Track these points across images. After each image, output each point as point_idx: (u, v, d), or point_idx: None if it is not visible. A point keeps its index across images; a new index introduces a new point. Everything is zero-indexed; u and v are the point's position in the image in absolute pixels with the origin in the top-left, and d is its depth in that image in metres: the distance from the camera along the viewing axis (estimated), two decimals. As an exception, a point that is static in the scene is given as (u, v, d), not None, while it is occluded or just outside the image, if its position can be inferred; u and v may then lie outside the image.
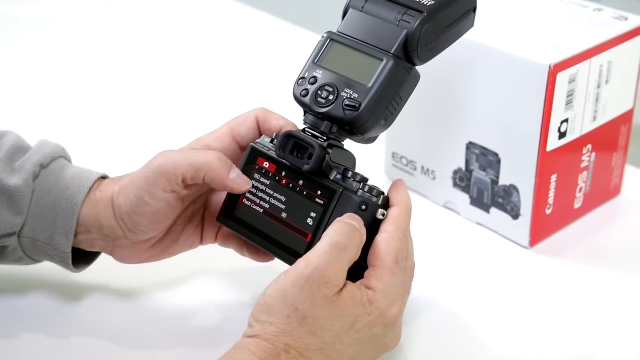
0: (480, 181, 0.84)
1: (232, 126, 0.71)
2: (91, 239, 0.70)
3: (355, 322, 0.61)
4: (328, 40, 0.67)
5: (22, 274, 0.77)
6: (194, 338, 0.72)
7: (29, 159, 0.70)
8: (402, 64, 0.65)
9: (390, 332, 0.64)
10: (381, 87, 0.64)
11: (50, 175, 0.70)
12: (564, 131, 0.79)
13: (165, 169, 0.66)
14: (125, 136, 1.03)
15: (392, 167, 0.92)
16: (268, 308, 0.60)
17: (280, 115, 0.71)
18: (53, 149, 0.72)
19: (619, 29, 0.80)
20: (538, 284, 0.79)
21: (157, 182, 0.67)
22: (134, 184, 0.68)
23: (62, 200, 0.69)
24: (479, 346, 0.72)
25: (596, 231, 0.86)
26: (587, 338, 0.73)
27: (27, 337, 0.72)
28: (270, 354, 0.59)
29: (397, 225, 0.63)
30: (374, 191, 0.64)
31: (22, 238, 0.70)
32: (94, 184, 0.70)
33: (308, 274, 0.60)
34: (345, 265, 0.61)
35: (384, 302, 0.62)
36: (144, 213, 0.68)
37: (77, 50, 1.23)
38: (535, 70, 0.76)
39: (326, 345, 0.60)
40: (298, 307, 0.60)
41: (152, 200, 0.67)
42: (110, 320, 0.74)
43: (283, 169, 0.67)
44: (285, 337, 0.60)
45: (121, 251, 0.71)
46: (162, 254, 0.72)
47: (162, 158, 0.67)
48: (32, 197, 0.69)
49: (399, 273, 0.63)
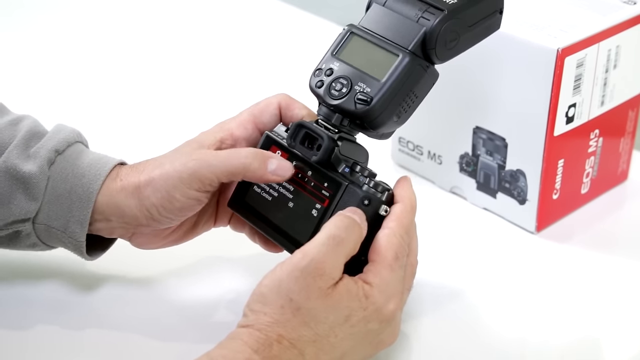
0: (487, 166, 0.84)
1: (254, 113, 0.70)
2: (111, 227, 0.69)
3: (350, 316, 0.61)
4: (348, 33, 0.67)
5: (36, 262, 0.77)
6: (210, 327, 0.71)
7: (44, 145, 0.69)
8: (419, 61, 0.65)
9: (387, 328, 0.63)
10: (395, 83, 0.64)
11: (66, 162, 0.69)
12: (571, 116, 0.79)
13: (201, 174, 0.66)
14: (141, 119, 1.02)
15: (398, 152, 0.92)
16: (263, 298, 0.60)
17: (303, 104, 0.70)
18: (69, 134, 0.71)
19: (628, 13, 0.80)
20: (545, 270, 0.79)
21: (192, 184, 0.66)
22: (167, 181, 0.66)
23: (78, 188, 0.68)
24: (485, 331, 0.72)
25: (603, 217, 0.85)
26: (593, 323, 0.73)
27: (41, 326, 0.72)
28: (263, 345, 0.59)
29: (399, 221, 0.63)
30: (379, 187, 0.64)
31: (37, 224, 0.69)
32: (112, 172, 0.69)
33: (304, 266, 0.59)
34: (342, 259, 0.61)
35: (381, 298, 0.61)
36: (173, 209, 0.67)
37: (85, 35, 1.22)
38: (543, 54, 0.75)
39: (320, 338, 0.60)
40: (293, 298, 0.59)
41: (184, 198, 0.67)
42: (124, 309, 0.74)
43: (294, 159, 0.67)
44: (278, 328, 0.59)
45: (141, 238, 0.70)
46: (180, 239, 0.72)
47: (200, 163, 0.66)
48: (47, 184, 0.68)
49: (398, 270, 0.63)
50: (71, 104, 1.05)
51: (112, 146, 0.77)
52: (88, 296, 0.75)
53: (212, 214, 0.73)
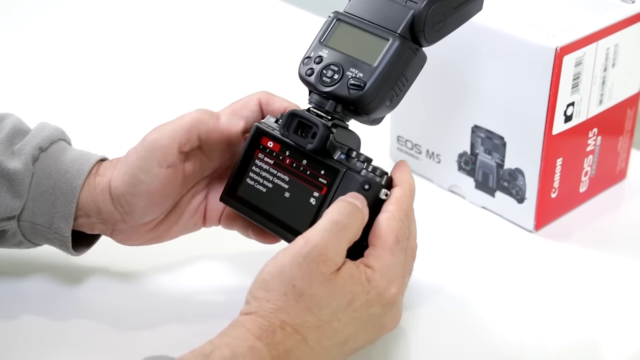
0: (485, 165, 0.84)
1: (234, 109, 0.71)
2: (91, 222, 0.70)
3: (352, 301, 0.61)
4: (335, 20, 0.67)
5: (23, 257, 0.77)
6: (196, 321, 0.72)
7: (28, 142, 0.70)
8: (409, 44, 0.65)
9: (389, 312, 0.63)
10: (387, 67, 0.64)
11: (49, 158, 0.70)
12: (570, 115, 0.79)
13: (159, 143, 0.67)
14: (125, 118, 1.03)
15: (397, 151, 0.92)
16: (265, 285, 0.60)
17: (283, 99, 0.71)
18: (52, 131, 0.71)
19: (626, 12, 0.80)
20: (543, 268, 0.79)
21: (152, 157, 0.67)
22: (128, 163, 0.68)
23: (61, 184, 0.69)
24: (483, 330, 0.72)
25: (601, 215, 0.85)
26: (591, 322, 0.73)
27: (28, 319, 0.72)
28: (266, 331, 0.59)
29: (399, 205, 0.63)
30: (377, 171, 0.64)
31: (22, 222, 0.69)
32: (94, 168, 0.70)
33: (307, 252, 0.59)
34: (345, 244, 0.61)
35: (383, 282, 0.62)
36: (139, 193, 0.67)
37: (81, 35, 1.22)
38: (541, 53, 0.75)
39: (323, 324, 0.60)
40: (295, 284, 0.59)
41: (148, 177, 0.67)
42: (111, 302, 0.74)
43: (287, 149, 0.67)
44: (281, 314, 0.59)
45: (121, 234, 0.71)
46: (163, 236, 0.72)
47: (156, 132, 0.68)
48: (31, 181, 0.69)
49: (399, 253, 0.63)
50: (59, 103, 1.05)
51: (94, 144, 0.77)
52: (75, 289, 0.75)
53: (198, 212, 0.72)
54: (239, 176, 0.69)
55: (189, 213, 0.72)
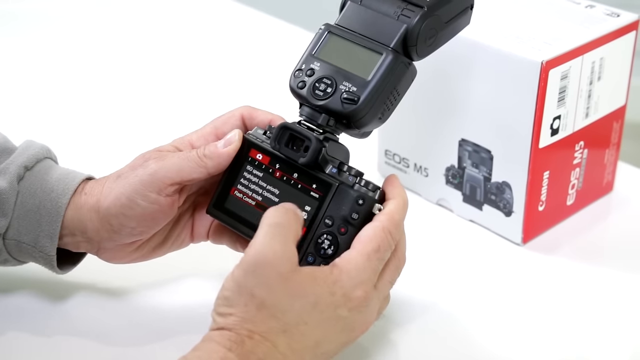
0: (473, 178, 0.84)
1: (216, 125, 0.70)
2: (77, 241, 0.70)
3: (317, 302, 0.60)
4: (326, 32, 0.67)
5: (8, 273, 0.76)
6: (181, 338, 0.71)
7: (13, 161, 0.70)
8: (401, 58, 0.65)
9: (357, 316, 0.63)
10: (380, 81, 0.64)
11: (35, 177, 0.70)
12: (556, 128, 0.79)
13: (165, 174, 0.66)
14: (114, 134, 1.03)
15: (385, 165, 0.92)
16: (227, 301, 0.60)
17: (266, 112, 0.70)
18: (38, 150, 0.71)
19: (612, 25, 0.80)
20: (531, 281, 0.79)
21: (154, 185, 0.66)
22: (129, 187, 0.67)
23: (46, 203, 0.69)
24: (472, 344, 0.72)
25: (589, 228, 0.86)
26: (581, 335, 0.73)
27: (13, 336, 0.72)
28: (235, 342, 0.58)
29: (390, 216, 0.63)
30: (370, 185, 0.64)
31: (7, 240, 0.69)
32: (79, 187, 0.70)
33: (255, 258, 0.59)
34: (290, 242, 0.61)
35: (349, 283, 0.61)
36: (133, 215, 0.67)
37: (73, 48, 1.22)
38: (527, 67, 0.76)
39: (290, 327, 0.60)
40: (254, 293, 0.59)
41: (145, 203, 0.67)
42: (96, 319, 0.74)
43: (277, 162, 0.67)
44: (246, 324, 0.59)
45: (107, 253, 0.71)
46: (149, 255, 0.72)
47: (161, 162, 0.67)
48: (16, 200, 0.69)
49: (375, 261, 0.62)
50: (46, 119, 1.05)
51: (83, 161, 0.77)
52: (61, 305, 0.75)
53: (185, 229, 0.72)
54: (226, 188, 0.69)
55: (176, 231, 0.72)
